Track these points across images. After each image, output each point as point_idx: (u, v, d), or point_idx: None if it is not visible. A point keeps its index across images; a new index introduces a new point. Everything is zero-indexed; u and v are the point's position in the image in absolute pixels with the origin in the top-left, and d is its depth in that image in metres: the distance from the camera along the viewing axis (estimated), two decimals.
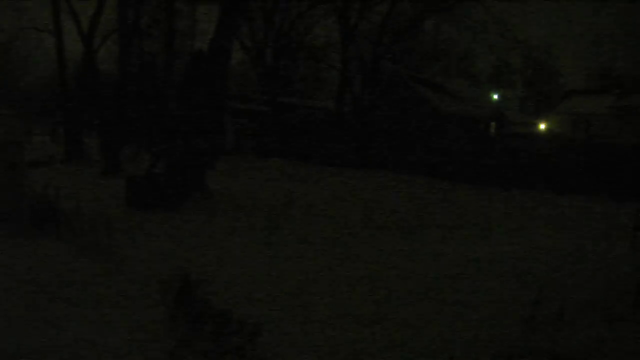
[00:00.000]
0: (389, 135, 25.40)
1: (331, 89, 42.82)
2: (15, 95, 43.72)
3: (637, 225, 10.75)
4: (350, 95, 34.89)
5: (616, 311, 6.77)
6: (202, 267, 8.06)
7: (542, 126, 50.57)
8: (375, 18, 32.73)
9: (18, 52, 42.09)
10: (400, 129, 27.28)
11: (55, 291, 7.05)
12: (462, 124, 33.38)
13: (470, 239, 11.40)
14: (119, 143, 21.58)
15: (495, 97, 47.38)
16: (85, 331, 5.79)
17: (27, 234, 9.96)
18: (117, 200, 13.88)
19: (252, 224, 11.99)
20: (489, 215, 14.40)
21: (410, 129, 28.33)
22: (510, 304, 7.07)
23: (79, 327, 5.89)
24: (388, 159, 24.41)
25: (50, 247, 9.24)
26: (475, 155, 21.63)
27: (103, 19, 27.72)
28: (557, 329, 5.83)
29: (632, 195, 15.49)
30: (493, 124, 38.86)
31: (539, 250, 10.47)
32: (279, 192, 16.83)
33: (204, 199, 14.62)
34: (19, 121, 13.06)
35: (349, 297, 7.24)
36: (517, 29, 35.60)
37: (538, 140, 24.55)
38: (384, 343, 5.72)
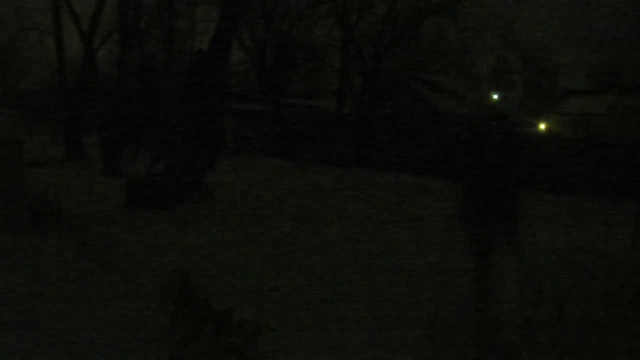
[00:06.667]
0: (388, 135, 25.43)
1: (331, 89, 42.85)
2: (16, 95, 43.76)
3: (637, 225, 10.74)
4: (350, 95, 34.93)
5: (616, 311, 6.78)
6: (200, 267, 8.06)
7: (542, 126, 50.62)
8: (375, 18, 32.74)
9: (18, 52, 42.10)
10: (400, 129, 27.29)
11: (54, 290, 7.05)
12: (462, 124, 33.41)
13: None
14: (119, 143, 21.58)
15: (495, 97, 47.40)
16: (84, 331, 5.79)
17: (26, 234, 9.97)
18: (117, 200, 13.89)
19: (251, 225, 12.00)
20: None
21: (410, 128, 28.35)
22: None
23: (77, 327, 5.89)
24: (387, 158, 24.43)
25: (49, 247, 9.25)
26: (474, 154, 21.63)
27: (103, 19, 27.76)
28: (557, 328, 5.83)
29: (632, 195, 15.48)
30: (493, 124, 38.86)
31: (537, 250, 10.46)
32: (278, 193, 16.84)
33: (203, 199, 14.64)
34: (19, 121, 13.08)
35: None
36: (517, 29, 35.69)
37: (537, 139, 24.54)
38: None
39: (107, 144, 21.42)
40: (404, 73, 37.36)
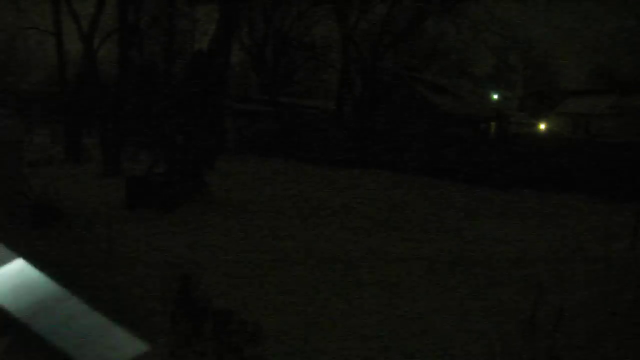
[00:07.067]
0: (388, 135, 25.41)
1: (331, 89, 42.80)
2: (16, 95, 43.71)
3: (638, 225, 10.74)
4: (350, 95, 34.88)
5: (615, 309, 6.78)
6: (199, 268, 8.07)
7: (542, 126, 50.59)
8: (375, 18, 32.70)
9: (18, 52, 42.09)
10: (400, 129, 27.28)
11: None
12: (462, 124, 33.42)
13: (463, 238, 11.38)
14: (119, 143, 21.55)
15: (495, 97, 47.40)
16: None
17: (26, 234, 9.96)
18: (117, 201, 13.88)
19: (249, 225, 11.99)
20: (486, 214, 14.38)
21: (411, 128, 28.32)
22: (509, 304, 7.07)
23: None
24: (388, 158, 24.40)
25: (49, 248, 9.24)
26: (474, 155, 21.62)
27: (103, 19, 27.70)
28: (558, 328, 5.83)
29: (632, 195, 15.48)
30: (493, 124, 38.93)
31: (537, 249, 10.46)
32: (277, 193, 16.83)
33: (203, 199, 14.62)
34: (19, 121, 13.08)
35: None
36: (517, 29, 35.61)
37: (538, 139, 24.53)
38: None
39: (107, 144, 21.40)
40: (404, 73, 37.31)
